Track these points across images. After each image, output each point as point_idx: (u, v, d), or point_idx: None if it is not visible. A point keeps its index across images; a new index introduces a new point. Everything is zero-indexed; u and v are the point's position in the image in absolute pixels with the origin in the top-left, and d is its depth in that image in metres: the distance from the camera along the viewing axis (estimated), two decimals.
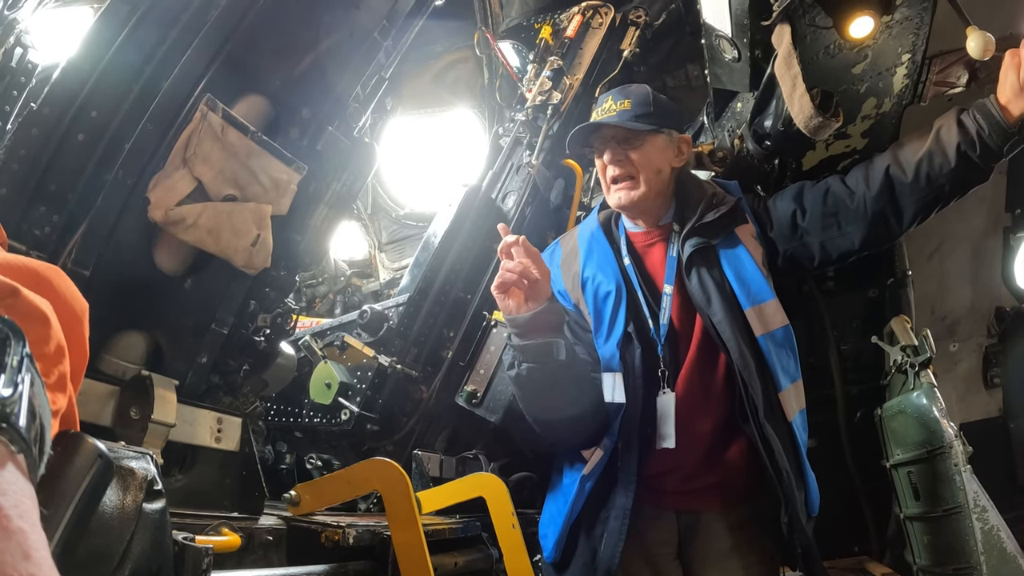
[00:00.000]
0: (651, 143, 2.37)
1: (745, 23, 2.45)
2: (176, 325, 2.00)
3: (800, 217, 2.36)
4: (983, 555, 2.87)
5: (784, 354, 2.27)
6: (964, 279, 4.00)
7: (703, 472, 2.27)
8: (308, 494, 1.91)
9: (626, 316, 2.31)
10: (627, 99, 2.39)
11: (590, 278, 2.42)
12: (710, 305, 2.25)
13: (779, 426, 2.20)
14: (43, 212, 1.78)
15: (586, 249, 2.50)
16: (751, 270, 2.29)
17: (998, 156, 2.14)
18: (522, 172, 3.53)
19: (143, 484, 1.08)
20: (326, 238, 2.32)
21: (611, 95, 2.44)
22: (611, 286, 2.36)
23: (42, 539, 0.55)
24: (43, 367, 0.71)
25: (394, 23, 2.36)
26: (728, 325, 2.21)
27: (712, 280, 2.27)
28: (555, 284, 2.50)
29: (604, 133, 2.41)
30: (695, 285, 2.28)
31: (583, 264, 2.46)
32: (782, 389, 2.24)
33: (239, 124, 1.93)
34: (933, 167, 2.18)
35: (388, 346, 3.19)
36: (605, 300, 2.36)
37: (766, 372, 2.22)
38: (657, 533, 2.29)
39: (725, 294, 2.25)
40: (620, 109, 2.37)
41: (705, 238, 2.32)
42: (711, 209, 2.35)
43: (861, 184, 2.30)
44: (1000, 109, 2.09)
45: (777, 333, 2.26)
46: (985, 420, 3.96)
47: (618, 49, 3.84)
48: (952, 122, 2.19)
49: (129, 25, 1.87)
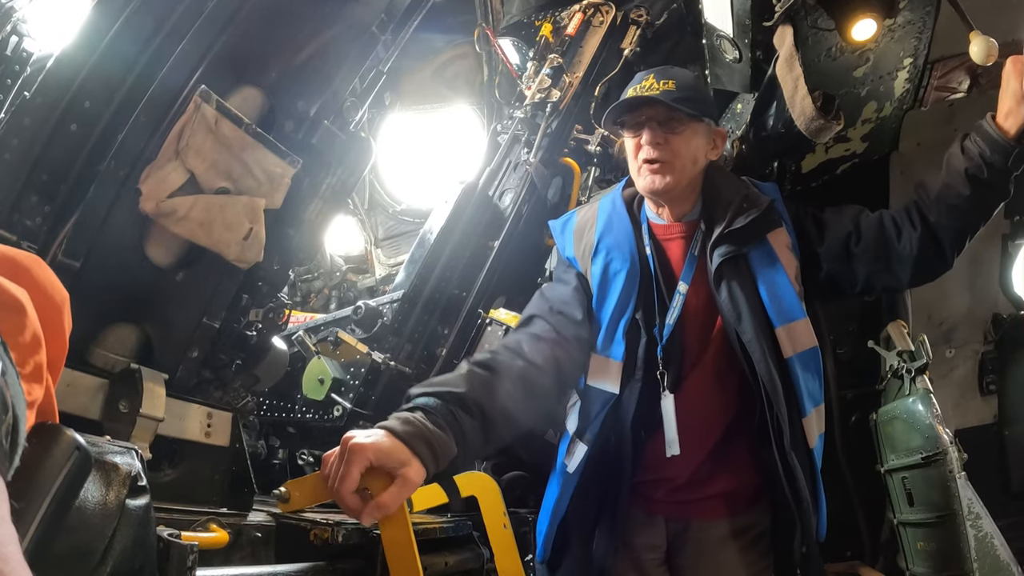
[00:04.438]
0: (692, 130, 2.23)
1: (747, 24, 2.44)
2: (167, 318, 1.98)
3: (854, 242, 2.24)
4: (976, 562, 2.86)
5: (811, 377, 2.17)
6: (962, 285, 4.00)
7: (698, 485, 2.22)
8: (298, 491, 1.89)
9: (637, 301, 2.20)
10: (671, 80, 2.23)
11: (603, 251, 2.30)
12: (740, 322, 2.13)
13: (801, 454, 2.13)
14: (34, 202, 1.77)
15: (605, 220, 2.37)
16: (784, 285, 2.17)
17: (1007, 173, 2.08)
18: (520, 170, 3.52)
19: (127, 480, 1.06)
20: (320, 233, 2.30)
21: (652, 74, 2.27)
22: (624, 265, 2.25)
23: (11, 534, 0.53)
24: (18, 357, 0.69)
25: (392, 17, 2.34)
26: (758, 345, 2.10)
27: (743, 294, 2.15)
28: (564, 251, 2.44)
29: (643, 112, 2.24)
30: (724, 298, 2.16)
31: (599, 235, 2.34)
32: (806, 415, 2.15)
33: (233, 116, 1.91)
34: (951, 198, 2.13)
35: (382, 342, 3.17)
36: (615, 277, 2.25)
37: (792, 397, 2.13)
38: (646, 538, 2.25)
39: (756, 310, 2.13)
40: (664, 89, 2.20)
41: (735, 246, 2.18)
42: (741, 213, 2.21)
43: (907, 225, 2.20)
44: (997, 127, 2.07)
45: (806, 355, 2.16)
46: (980, 427, 3.96)
47: (618, 48, 3.82)
48: (957, 149, 2.14)
49: (124, 15, 1.86)
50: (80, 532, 0.94)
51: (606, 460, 2.19)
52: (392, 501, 1.58)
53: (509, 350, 2.11)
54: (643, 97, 2.22)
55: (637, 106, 2.25)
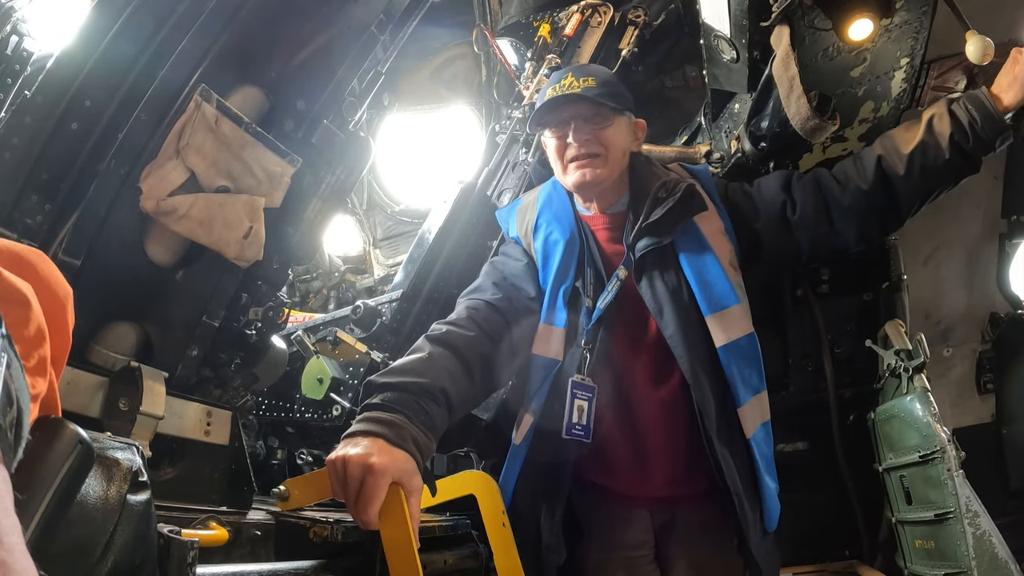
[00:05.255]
0: (617, 123, 2.26)
1: (744, 24, 2.44)
2: (167, 317, 1.99)
3: (790, 210, 2.24)
4: (974, 560, 2.86)
5: (746, 365, 2.13)
6: (959, 284, 4.01)
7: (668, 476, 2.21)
8: (297, 489, 1.89)
9: (576, 270, 2.22)
10: (591, 77, 2.23)
11: (544, 224, 2.33)
12: (662, 316, 2.12)
13: (735, 445, 2.10)
14: (35, 201, 1.77)
15: (545, 198, 2.41)
16: (715, 271, 2.15)
17: (990, 147, 2.08)
18: (518, 170, 3.52)
19: (128, 475, 1.06)
20: (319, 232, 2.31)
21: (571, 72, 2.28)
22: (564, 235, 2.26)
23: (15, 524, 0.54)
24: (23, 350, 0.70)
25: (391, 17, 2.35)
26: (681, 339, 2.08)
27: (666, 286, 2.14)
28: (508, 232, 2.49)
29: (566, 111, 2.25)
30: (646, 292, 2.15)
31: (539, 212, 2.37)
32: (741, 404, 2.11)
33: (233, 115, 1.92)
34: (927, 159, 2.11)
35: (381, 342, 3.18)
36: (555, 247, 2.26)
37: (724, 387, 2.10)
38: (632, 535, 2.24)
39: (681, 301, 2.12)
40: (584, 86, 2.21)
41: (656, 237, 2.17)
42: (659, 204, 2.18)
43: (853, 178, 2.20)
44: (992, 99, 2.06)
45: (741, 342, 2.12)
46: (978, 425, 3.96)
47: (616, 48, 3.82)
48: (944, 112, 2.12)
49: (125, 14, 1.87)
50: (81, 526, 0.95)
51: (552, 431, 2.15)
52: (417, 512, 1.62)
53: (466, 321, 2.12)
54: (570, 96, 2.21)
55: (561, 105, 2.24)
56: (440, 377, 1.90)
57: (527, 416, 2.21)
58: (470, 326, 2.10)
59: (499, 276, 2.32)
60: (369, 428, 1.67)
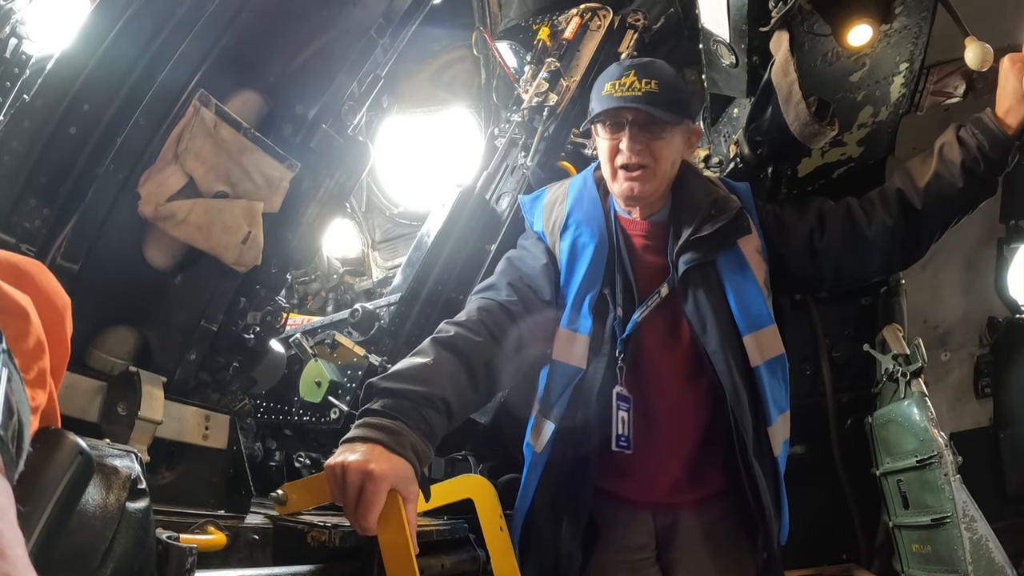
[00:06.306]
0: (673, 134, 2.17)
1: (743, 29, 2.45)
2: (165, 321, 1.98)
3: (818, 238, 2.23)
4: (971, 565, 2.87)
5: (777, 385, 2.16)
6: (957, 289, 4.01)
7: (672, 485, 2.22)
8: (295, 493, 1.89)
9: (605, 276, 2.17)
10: (655, 79, 2.11)
11: (573, 225, 2.25)
12: (705, 332, 2.10)
13: (765, 462, 2.13)
14: (33, 205, 1.76)
15: (575, 196, 2.32)
16: (753, 292, 2.15)
17: (1002, 168, 2.09)
18: (517, 173, 3.52)
19: (126, 483, 1.07)
20: (318, 236, 2.30)
21: (634, 71, 2.14)
22: (593, 239, 2.20)
23: (18, 537, 0.54)
24: (22, 363, 0.70)
25: (391, 21, 2.35)
26: (723, 356, 2.08)
27: (709, 303, 2.12)
28: (533, 225, 2.41)
29: (624, 114, 2.14)
30: (691, 307, 2.13)
31: (569, 210, 2.29)
32: (772, 423, 2.14)
33: (232, 120, 1.92)
34: (942, 189, 2.12)
35: (379, 345, 3.18)
36: (583, 251, 2.20)
37: (758, 406, 2.12)
38: (635, 538, 2.24)
39: (722, 320, 2.11)
40: (647, 90, 2.09)
41: (702, 253, 2.14)
42: (709, 220, 2.15)
43: (879, 211, 2.18)
44: (998, 121, 2.07)
45: (773, 362, 2.15)
46: (975, 430, 3.97)
47: (616, 52, 3.83)
48: (952, 140, 2.13)
49: (124, 18, 1.86)
50: (81, 535, 0.95)
51: (573, 439, 2.15)
52: (415, 518, 1.63)
53: (475, 324, 2.08)
54: (628, 100, 2.11)
55: (620, 106, 2.14)
56: (443, 385, 1.88)
57: (546, 423, 2.18)
58: (479, 329, 2.06)
59: (516, 276, 2.26)
60: (368, 434, 1.67)
